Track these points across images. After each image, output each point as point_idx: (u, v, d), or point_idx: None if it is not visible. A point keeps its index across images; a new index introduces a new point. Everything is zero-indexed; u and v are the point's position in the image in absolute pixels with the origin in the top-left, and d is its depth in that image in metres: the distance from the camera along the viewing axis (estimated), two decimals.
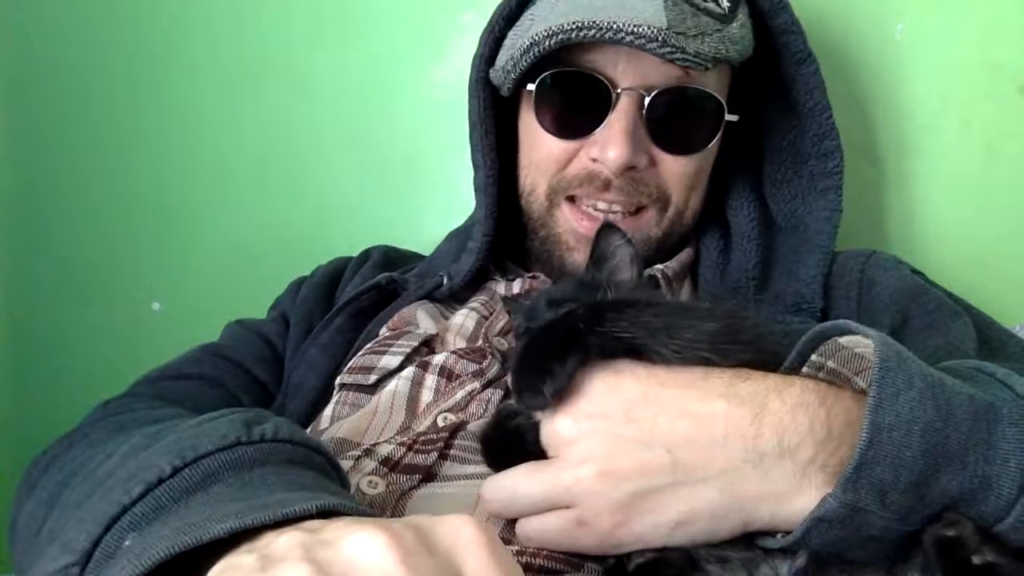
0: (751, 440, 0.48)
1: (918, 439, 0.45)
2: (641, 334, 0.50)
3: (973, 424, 0.46)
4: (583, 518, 0.48)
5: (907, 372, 0.47)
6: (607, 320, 0.50)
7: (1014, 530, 0.47)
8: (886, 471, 0.45)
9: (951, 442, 0.46)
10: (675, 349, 0.50)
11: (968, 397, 0.47)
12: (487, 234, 0.85)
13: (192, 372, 0.81)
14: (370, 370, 0.73)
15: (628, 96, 0.77)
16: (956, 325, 0.74)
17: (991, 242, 1.03)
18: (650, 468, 0.48)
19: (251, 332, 0.88)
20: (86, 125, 1.19)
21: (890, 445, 0.45)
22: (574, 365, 0.49)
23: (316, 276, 0.94)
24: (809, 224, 0.86)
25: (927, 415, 0.45)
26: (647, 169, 0.80)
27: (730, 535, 0.49)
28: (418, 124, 1.16)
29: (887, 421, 0.45)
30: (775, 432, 0.48)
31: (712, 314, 0.53)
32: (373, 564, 0.34)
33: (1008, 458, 0.46)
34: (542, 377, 0.48)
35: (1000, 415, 0.47)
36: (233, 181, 1.19)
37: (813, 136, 0.85)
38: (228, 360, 0.83)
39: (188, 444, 0.43)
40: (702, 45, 0.73)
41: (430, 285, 0.85)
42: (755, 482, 0.47)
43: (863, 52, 1.04)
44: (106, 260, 1.20)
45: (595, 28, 0.72)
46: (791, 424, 0.48)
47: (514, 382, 0.50)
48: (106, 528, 0.40)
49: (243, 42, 1.17)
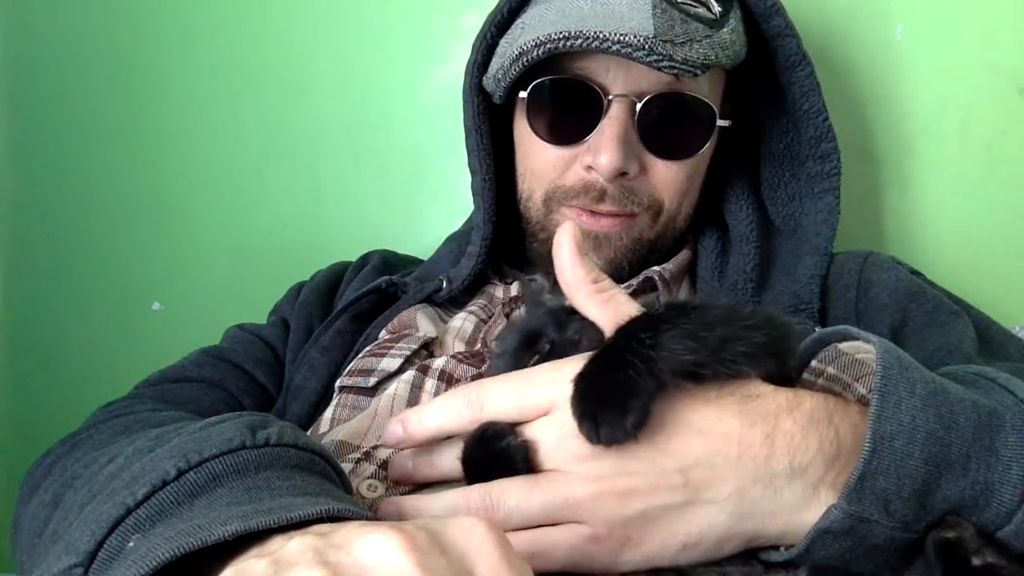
0: (763, 461, 0.47)
1: (920, 447, 0.45)
2: (705, 355, 0.47)
3: (976, 431, 0.46)
4: (596, 534, 0.47)
5: (909, 380, 0.46)
6: (668, 341, 0.47)
7: (1016, 537, 0.46)
8: (889, 480, 0.44)
9: (953, 449, 0.45)
10: (728, 366, 0.48)
11: (971, 403, 0.47)
12: (486, 238, 0.85)
13: (194, 375, 0.81)
14: (370, 372, 0.74)
15: (620, 102, 0.77)
16: (956, 325, 0.74)
17: (990, 243, 1.03)
18: (661, 487, 0.47)
19: (252, 335, 0.88)
20: (86, 125, 1.20)
21: (893, 454, 0.44)
22: (650, 396, 0.46)
23: (315, 280, 0.94)
24: (807, 226, 0.85)
25: (929, 423, 0.45)
26: (639, 177, 0.80)
27: (733, 552, 0.49)
28: (418, 126, 1.16)
29: (889, 430, 0.45)
30: (787, 452, 0.47)
31: (756, 324, 0.50)
32: (389, 566, 0.33)
33: (1011, 465, 0.46)
34: (623, 411, 0.46)
35: (1003, 421, 0.47)
36: (233, 182, 1.19)
37: (810, 139, 0.85)
38: (229, 363, 0.84)
39: (192, 447, 0.43)
40: (690, 52, 0.73)
41: (429, 288, 0.85)
42: (766, 502, 0.47)
43: (863, 53, 1.04)
44: (106, 260, 1.20)
45: (582, 37, 0.72)
46: (802, 444, 0.47)
47: (585, 414, 0.47)
48: (110, 529, 0.40)
49: (244, 43, 1.17)
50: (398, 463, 0.56)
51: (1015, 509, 0.46)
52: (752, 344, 0.48)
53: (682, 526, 0.47)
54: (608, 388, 0.47)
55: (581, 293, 0.55)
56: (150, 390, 0.79)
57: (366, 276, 0.92)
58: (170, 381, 0.80)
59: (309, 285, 0.93)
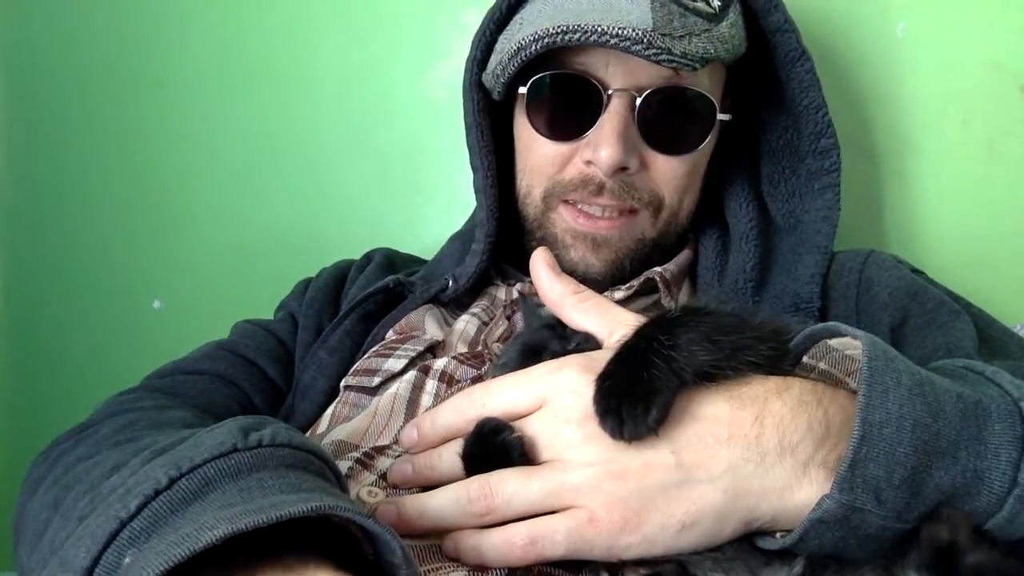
0: (754, 439, 0.48)
1: (908, 434, 0.45)
2: (720, 357, 0.50)
3: (963, 420, 0.47)
4: (594, 516, 0.48)
5: (895, 370, 0.47)
6: (687, 343, 0.49)
7: (1008, 524, 0.47)
8: (879, 468, 0.45)
9: (942, 437, 0.46)
10: (735, 370, 0.50)
11: (956, 395, 0.48)
12: (490, 235, 0.85)
13: (206, 368, 0.81)
14: (374, 372, 0.74)
15: (619, 97, 0.77)
16: (956, 324, 0.74)
17: (992, 241, 1.03)
18: (655, 468, 0.48)
19: (263, 330, 0.88)
20: (86, 124, 1.20)
21: (882, 442, 0.45)
22: (672, 393, 0.48)
23: (322, 278, 0.94)
24: (807, 223, 0.85)
25: (916, 411, 0.46)
26: (639, 172, 0.80)
27: (732, 536, 0.49)
28: (419, 123, 1.16)
29: (878, 418, 0.45)
30: (776, 432, 0.48)
31: (764, 337, 0.52)
32: None
33: (999, 452, 0.47)
34: (646, 407, 0.47)
35: (989, 411, 0.48)
36: (234, 179, 1.19)
37: (809, 134, 0.85)
38: (242, 358, 0.84)
39: (185, 455, 0.43)
40: (689, 46, 0.73)
41: (436, 288, 0.85)
42: (758, 480, 0.48)
43: (864, 51, 1.04)
44: (107, 258, 1.21)
45: (580, 32, 0.72)
46: (791, 424, 0.48)
47: (608, 410, 0.48)
48: (105, 545, 0.40)
49: (245, 40, 1.18)
50: (398, 467, 0.57)
51: (1005, 496, 0.46)
52: (760, 356, 0.51)
53: (679, 506, 0.48)
54: (631, 386, 0.48)
55: (566, 306, 0.59)
56: (161, 381, 0.79)
57: (371, 274, 0.92)
58: (183, 373, 0.80)
59: (316, 283, 0.93)
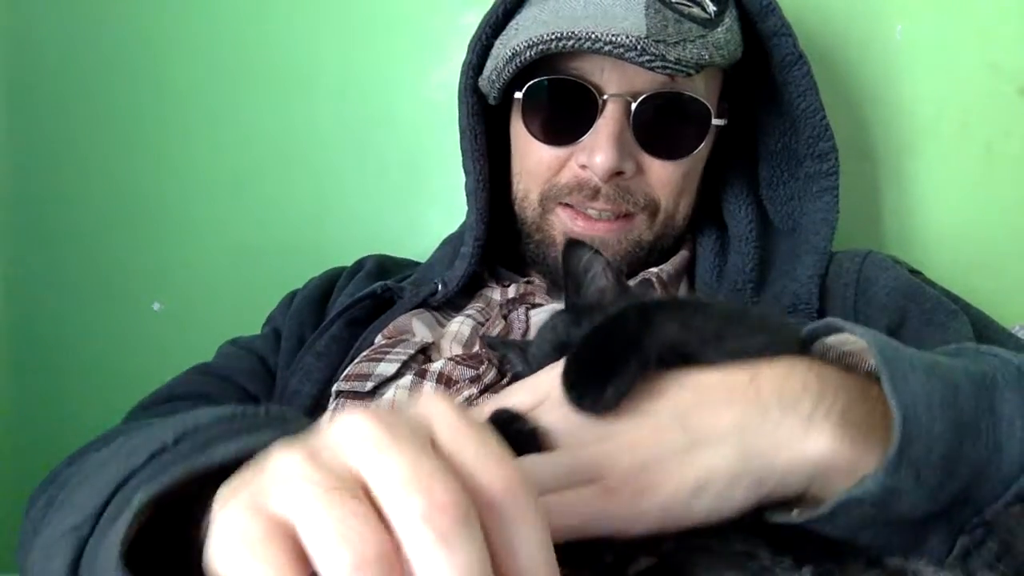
0: (753, 396, 0.48)
1: (939, 412, 0.45)
2: (694, 342, 0.50)
3: (977, 392, 0.47)
4: (611, 486, 0.47)
5: (905, 355, 0.47)
6: (659, 325, 0.50)
7: None
8: (919, 448, 0.45)
9: (965, 412, 0.46)
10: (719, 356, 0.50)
11: (963, 369, 0.48)
12: (478, 238, 0.85)
13: (182, 392, 0.82)
14: (367, 377, 0.74)
15: (615, 102, 0.77)
16: (954, 324, 0.74)
17: (990, 242, 1.03)
18: (663, 434, 0.48)
19: (242, 349, 0.89)
20: (86, 124, 1.20)
21: (917, 422, 0.45)
22: (636, 371, 0.49)
23: (308, 288, 0.94)
24: (806, 225, 0.85)
25: (937, 390, 0.46)
26: (635, 177, 0.80)
27: (744, 500, 0.48)
28: (419, 125, 1.16)
29: (908, 400, 0.45)
30: (773, 390, 0.48)
31: (757, 328, 0.53)
32: (356, 430, 0.35)
33: (1013, 421, 0.47)
34: (607, 381, 0.48)
35: (995, 382, 0.48)
36: (234, 181, 1.19)
37: (808, 138, 0.85)
38: (217, 376, 0.85)
39: (189, 421, 0.47)
40: (684, 52, 0.73)
41: (425, 292, 0.85)
42: (765, 434, 0.47)
43: (863, 53, 1.04)
44: (106, 260, 1.21)
45: (574, 38, 0.72)
46: (786, 383, 0.48)
47: (573, 384, 0.49)
48: (114, 491, 0.42)
49: (244, 43, 1.18)
50: None
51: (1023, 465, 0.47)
52: (750, 347, 0.50)
53: (690, 470, 0.47)
54: (595, 362, 0.49)
55: None
56: (143, 413, 0.80)
57: (360, 281, 0.92)
58: (161, 402, 0.81)
59: (301, 293, 0.93)
